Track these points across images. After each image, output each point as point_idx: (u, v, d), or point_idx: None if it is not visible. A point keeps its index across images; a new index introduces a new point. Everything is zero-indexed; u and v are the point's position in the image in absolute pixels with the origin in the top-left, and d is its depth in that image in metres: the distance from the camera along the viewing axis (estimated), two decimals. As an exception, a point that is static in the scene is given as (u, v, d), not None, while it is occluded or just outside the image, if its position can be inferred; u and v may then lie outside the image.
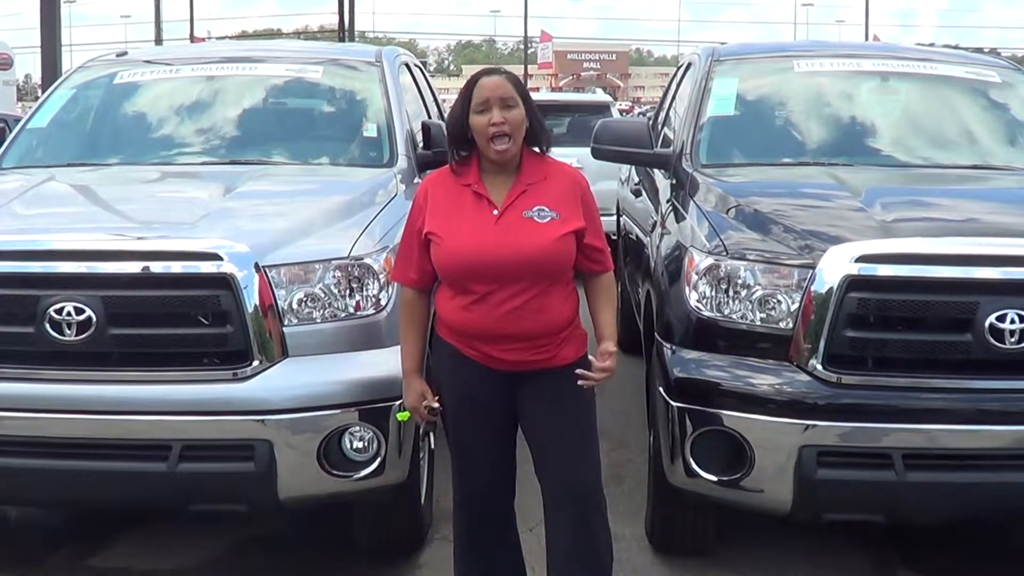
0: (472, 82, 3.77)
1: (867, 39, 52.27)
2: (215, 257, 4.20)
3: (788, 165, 5.75)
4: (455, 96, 3.85)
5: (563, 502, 3.80)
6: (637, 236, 6.88)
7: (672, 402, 4.43)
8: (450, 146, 3.83)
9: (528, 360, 3.74)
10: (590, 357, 3.76)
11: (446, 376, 3.88)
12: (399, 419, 4.20)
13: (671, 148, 6.05)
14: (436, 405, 3.86)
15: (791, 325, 4.26)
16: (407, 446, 4.47)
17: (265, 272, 4.25)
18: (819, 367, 4.18)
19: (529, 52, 75.23)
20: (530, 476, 3.92)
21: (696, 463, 4.36)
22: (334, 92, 6.52)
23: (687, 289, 4.53)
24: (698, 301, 4.47)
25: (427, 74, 7.93)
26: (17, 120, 10.11)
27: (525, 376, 3.78)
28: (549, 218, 3.70)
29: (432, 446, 4.16)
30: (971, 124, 6.22)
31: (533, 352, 3.74)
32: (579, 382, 3.72)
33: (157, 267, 4.21)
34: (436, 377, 3.92)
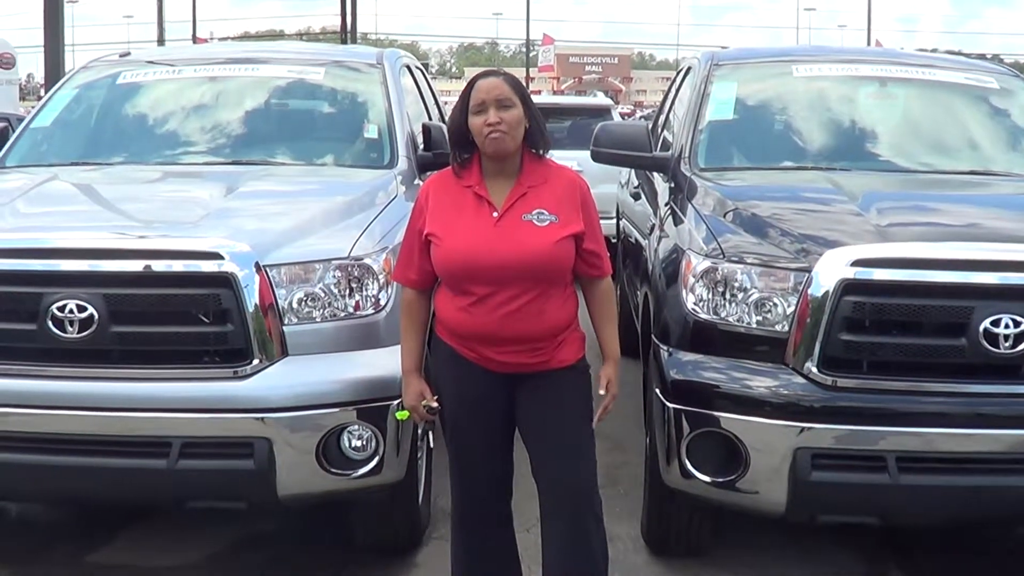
0: (470, 84, 3.81)
1: (869, 44, 52.28)
2: (216, 256, 4.23)
3: (786, 169, 5.78)
4: (456, 98, 3.89)
5: (560, 503, 3.83)
6: (636, 239, 6.92)
7: (668, 404, 4.45)
8: (452, 148, 3.87)
9: (526, 362, 3.77)
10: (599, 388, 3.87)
11: (445, 377, 3.90)
12: (398, 418, 4.23)
13: (670, 152, 6.08)
14: (435, 405, 3.89)
15: (787, 328, 4.28)
16: (405, 445, 4.50)
17: (266, 271, 4.28)
18: (814, 370, 4.21)
19: (531, 55, 75.30)
20: (527, 477, 3.95)
21: (692, 464, 4.38)
22: (336, 93, 6.55)
23: (684, 292, 4.56)
24: (695, 304, 4.50)
25: (428, 76, 7.97)
26: (20, 119, 10.13)
27: (523, 377, 3.80)
28: (548, 221, 3.73)
29: (431, 445, 4.19)
30: (970, 130, 6.25)
31: (531, 354, 3.76)
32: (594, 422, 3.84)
33: (159, 265, 4.24)
34: (435, 377, 3.95)
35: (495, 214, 3.74)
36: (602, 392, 3.89)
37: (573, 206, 3.79)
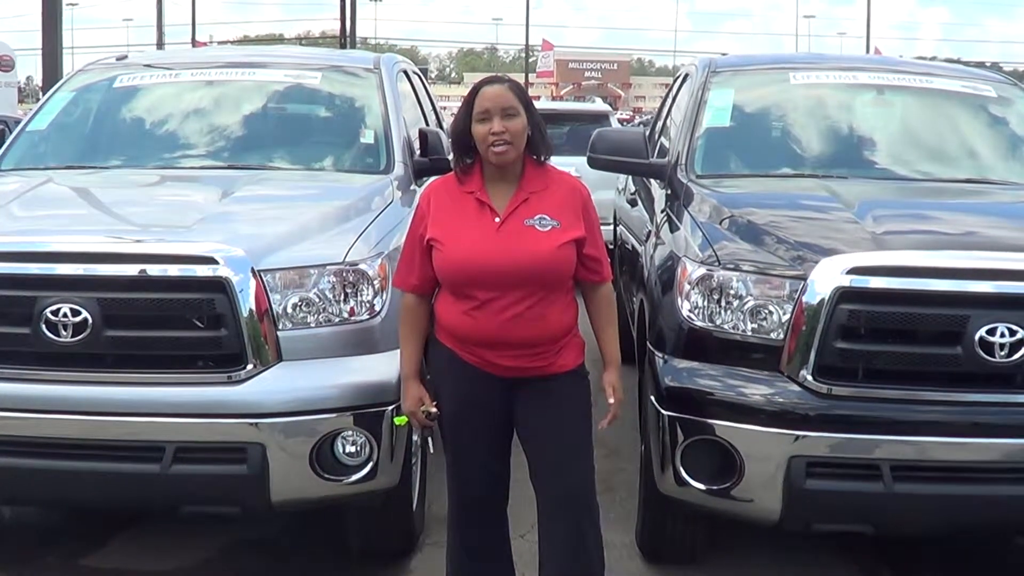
0: (475, 91, 3.82)
1: (868, 51, 52.31)
2: (211, 261, 4.23)
3: (783, 177, 5.78)
4: (456, 103, 3.88)
5: (557, 509, 3.83)
6: (632, 246, 6.91)
7: (663, 411, 4.45)
8: (454, 153, 3.87)
9: (526, 367, 3.78)
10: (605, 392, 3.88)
11: (444, 380, 3.91)
12: (397, 423, 4.23)
13: (667, 158, 6.07)
14: (434, 410, 3.89)
15: (782, 336, 4.27)
16: (399, 451, 4.49)
17: (260, 276, 4.27)
18: (809, 378, 4.20)
19: (530, 60, 75.34)
20: (522, 482, 3.94)
21: (686, 472, 4.37)
22: (332, 98, 6.54)
23: (679, 299, 4.55)
24: (690, 311, 4.50)
25: (426, 82, 7.96)
26: (17, 122, 10.12)
27: (523, 382, 3.81)
28: (550, 227, 3.74)
29: (431, 450, 4.20)
30: (967, 138, 6.25)
31: (532, 359, 3.77)
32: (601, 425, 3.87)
33: (153, 270, 4.23)
34: (434, 381, 3.95)
35: (497, 219, 3.74)
36: (611, 401, 3.89)
37: (575, 212, 3.81)
